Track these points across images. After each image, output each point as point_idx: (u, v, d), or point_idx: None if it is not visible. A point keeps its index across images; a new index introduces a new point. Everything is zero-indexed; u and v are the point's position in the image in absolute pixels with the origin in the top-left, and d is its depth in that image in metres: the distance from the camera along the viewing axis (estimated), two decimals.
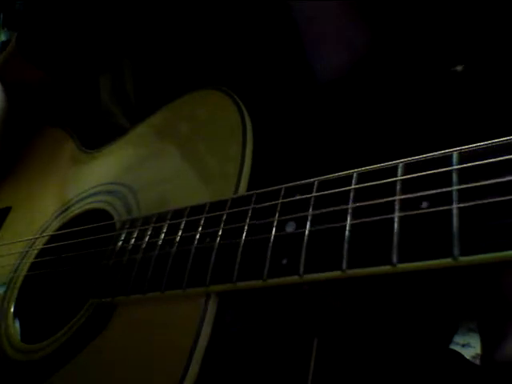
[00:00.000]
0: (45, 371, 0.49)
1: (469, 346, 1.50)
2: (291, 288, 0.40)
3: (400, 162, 0.36)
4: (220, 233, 0.43)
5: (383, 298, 0.49)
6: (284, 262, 0.37)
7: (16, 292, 0.58)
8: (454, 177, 0.32)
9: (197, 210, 0.46)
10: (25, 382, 0.51)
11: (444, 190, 0.32)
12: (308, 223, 0.38)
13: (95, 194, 0.59)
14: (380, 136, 0.52)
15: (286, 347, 0.43)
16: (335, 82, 0.55)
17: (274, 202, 0.41)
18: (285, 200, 0.40)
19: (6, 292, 0.59)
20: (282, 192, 0.41)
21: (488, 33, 0.49)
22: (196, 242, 0.43)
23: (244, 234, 0.41)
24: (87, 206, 0.59)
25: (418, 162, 0.35)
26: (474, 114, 0.49)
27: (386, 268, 0.33)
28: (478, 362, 0.55)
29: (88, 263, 0.52)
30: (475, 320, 0.53)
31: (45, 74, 0.76)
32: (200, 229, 0.44)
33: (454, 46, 0.50)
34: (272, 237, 0.39)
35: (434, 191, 0.33)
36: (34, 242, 0.61)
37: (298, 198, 0.40)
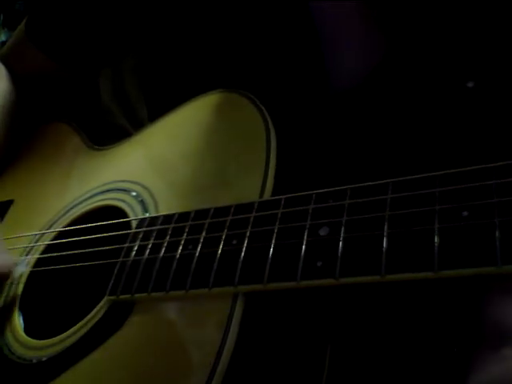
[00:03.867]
0: (54, 370, 0.47)
1: None
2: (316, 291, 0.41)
3: (437, 174, 0.37)
4: (248, 234, 0.43)
5: (397, 304, 0.50)
6: (319, 264, 0.38)
7: (21, 287, 0.57)
8: (495, 189, 0.34)
9: (221, 211, 0.46)
10: (30, 381, 0.49)
11: (485, 201, 0.34)
12: (343, 228, 0.39)
13: (107, 191, 0.59)
14: (391, 146, 0.53)
15: (300, 353, 0.43)
16: (349, 92, 0.56)
17: (305, 207, 0.42)
18: (317, 205, 0.41)
19: (11, 287, 0.57)
20: (314, 197, 0.42)
21: (499, 50, 0.50)
22: (222, 243, 0.44)
23: (274, 237, 0.42)
24: (99, 203, 0.58)
25: (454, 174, 0.37)
26: (483, 129, 0.50)
27: (428, 274, 0.34)
28: None
29: (102, 260, 0.51)
30: None
31: (50, 61, 0.74)
32: (226, 230, 0.44)
33: (466, 62, 0.52)
34: (305, 240, 0.40)
35: (474, 202, 0.34)
36: (40, 237, 0.60)
37: (331, 203, 0.41)
